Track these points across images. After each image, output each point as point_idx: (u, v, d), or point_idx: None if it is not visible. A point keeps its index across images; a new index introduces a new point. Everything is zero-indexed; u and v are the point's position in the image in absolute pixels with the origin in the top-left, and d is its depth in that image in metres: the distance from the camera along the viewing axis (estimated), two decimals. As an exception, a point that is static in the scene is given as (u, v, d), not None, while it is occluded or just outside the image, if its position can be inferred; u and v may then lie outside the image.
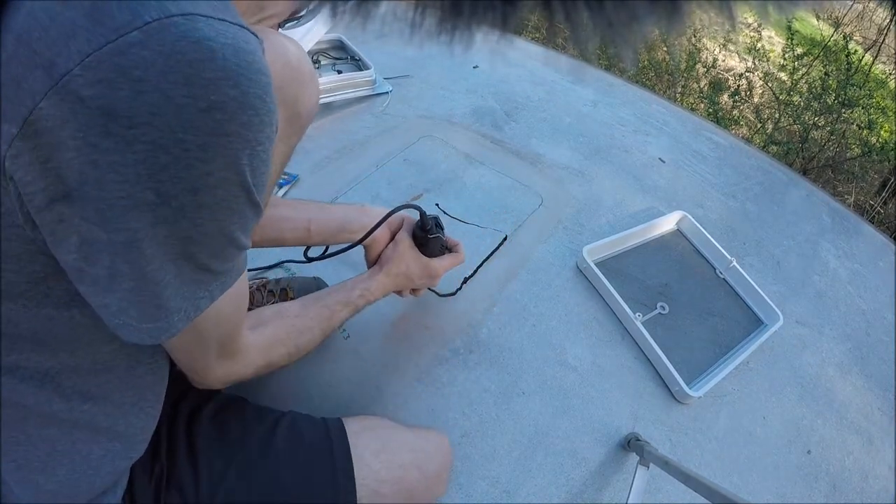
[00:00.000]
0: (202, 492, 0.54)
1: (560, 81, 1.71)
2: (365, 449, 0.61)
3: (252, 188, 0.33)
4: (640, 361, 1.01)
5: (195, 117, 0.28)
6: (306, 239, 0.73)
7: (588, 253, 1.10)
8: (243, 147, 0.31)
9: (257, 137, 0.32)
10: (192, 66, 0.28)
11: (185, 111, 0.28)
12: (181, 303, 0.36)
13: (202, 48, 0.28)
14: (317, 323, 0.63)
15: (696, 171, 1.49)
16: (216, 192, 0.32)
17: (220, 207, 0.33)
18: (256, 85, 0.30)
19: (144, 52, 0.27)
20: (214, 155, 0.30)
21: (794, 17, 2.66)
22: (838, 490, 0.94)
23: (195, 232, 0.33)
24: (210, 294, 0.38)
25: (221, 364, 0.49)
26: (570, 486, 0.84)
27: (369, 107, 1.43)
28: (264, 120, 0.32)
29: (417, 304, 1.01)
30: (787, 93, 3.37)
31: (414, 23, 0.21)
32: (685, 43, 3.65)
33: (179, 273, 0.34)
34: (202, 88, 0.28)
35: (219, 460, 0.56)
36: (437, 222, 0.76)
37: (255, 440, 0.59)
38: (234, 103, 0.29)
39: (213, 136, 0.30)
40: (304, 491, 0.57)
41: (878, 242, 1.46)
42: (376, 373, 0.90)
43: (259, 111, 0.31)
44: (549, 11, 0.22)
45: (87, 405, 0.43)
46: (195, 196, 0.31)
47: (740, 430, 0.96)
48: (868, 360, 1.15)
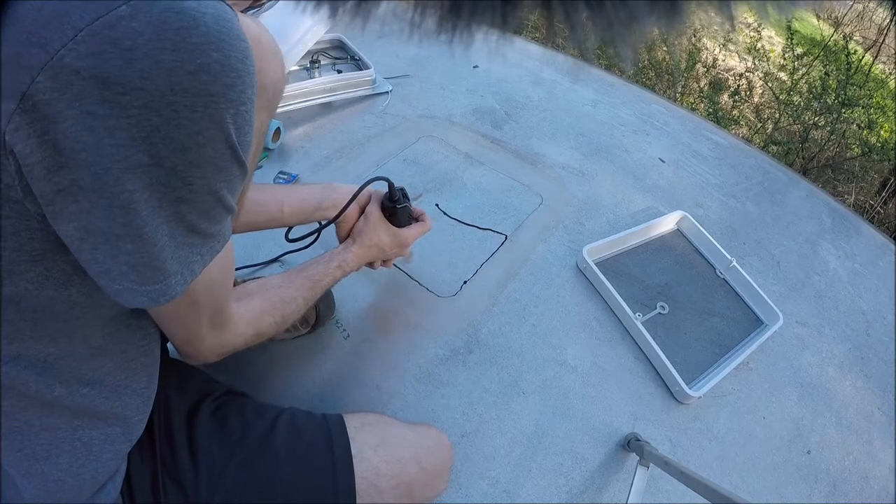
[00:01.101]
0: (202, 486, 0.54)
1: (560, 81, 1.71)
2: (364, 444, 0.62)
3: (237, 146, 0.35)
4: (640, 361, 1.01)
5: (183, 79, 0.30)
6: (280, 220, 0.75)
7: (588, 253, 1.10)
8: (227, 107, 0.33)
9: (240, 98, 0.34)
10: (179, 33, 0.30)
11: (174, 74, 0.30)
12: (177, 266, 0.37)
13: (186, 17, 0.30)
14: (300, 293, 0.66)
15: (696, 171, 1.49)
16: (204, 150, 0.34)
17: (209, 165, 0.34)
18: (237, 49, 0.33)
19: (133, 24, 0.29)
20: (202, 114, 0.32)
21: (794, 17, 2.66)
22: (838, 490, 0.94)
23: (186, 191, 0.34)
24: (202, 258, 0.39)
25: (213, 334, 0.51)
26: (570, 486, 0.84)
27: (369, 107, 1.43)
28: (245, 81, 0.34)
29: (418, 304, 1.01)
30: (787, 93, 3.37)
31: (414, 22, 0.21)
32: (685, 43, 3.65)
33: (173, 236, 0.36)
34: (188, 53, 0.30)
35: (219, 455, 0.56)
36: (403, 193, 0.79)
37: (254, 435, 0.59)
38: (218, 66, 0.31)
39: (200, 96, 0.31)
40: (303, 484, 0.58)
41: (878, 242, 1.46)
42: (376, 373, 0.90)
43: (241, 73, 0.33)
44: (549, 11, 0.22)
45: (86, 389, 0.44)
46: (185, 155, 0.33)
47: (740, 430, 0.96)
48: (868, 360, 1.15)
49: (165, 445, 0.56)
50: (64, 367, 0.42)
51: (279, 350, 0.90)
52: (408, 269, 1.06)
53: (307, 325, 0.90)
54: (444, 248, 1.11)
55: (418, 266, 1.06)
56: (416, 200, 1.20)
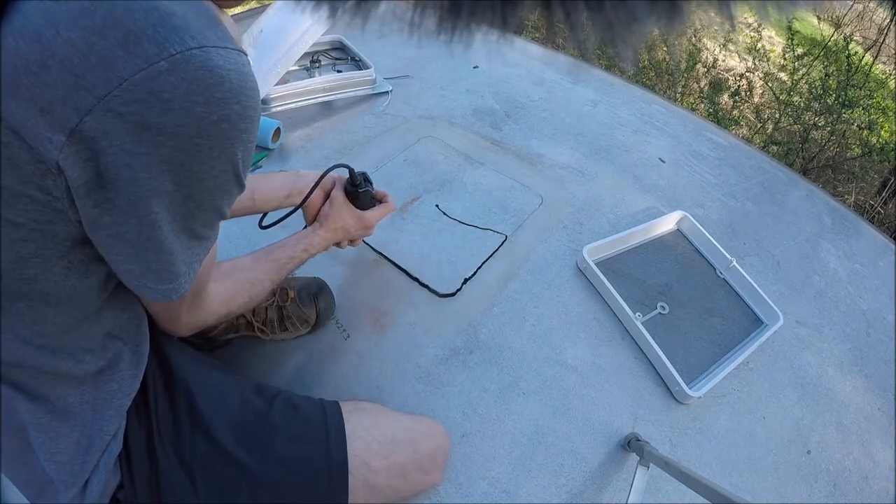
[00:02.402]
0: (198, 451, 0.58)
1: (560, 81, 1.71)
2: (357, 424, 0.66)
3: (241, 174, 0.43)
4: (640, 361, 1.01)
5: (209, 127, 0.37)
6: (252, 208, 0.78)
7: (588, 253, 1.10)
8: (239, 145, 0.41)
9: (250, 137, 0.41)
10: (208, 89, 0.36)
11: (202, 123, 0.37)
12: (185, 268, 0.45)
13: (215, 75, 0.36)
14: (267, 276, 0.69)
15: (696, 171, 1.49)
16: (216, 179, 0.41)
17: (218, 190, 0.42)
18: (251, 99, 0.39)
19: (171, 78, 0.34)
20: (220, 153, 0.39)
21: (794, 17, 2.66)
22: (838, 490, 0.94)
23: (197, 210, 0.42)
24: (199, 258, 0.47)
25: (191, 314, 0.57)
26: (570, 486, 0.84)
27: (369, 107, 1.43)
28: (255, 123, 0.41)
29: (418, 304, 1.01)
30: (788, 93, 3.37)
31: (414, 23, 0.21)
32: (685, 43, 3.65)
33: (183, 244, 0.44)
34: (215, 105, 0.37)
35: (219, 425, 0.59)
36: (365, 177, 0.82)
37: (252, 409, 0.63)
38: (237, 116, 0.38)
39: (220, 139, 0.38)
40: (298, 458, 0.61)
41: (878, 242, 1.46)
42: (376, 373, 0.90)
43: (252, 119, 0.40)
44: (549, 11, 0.22)
45: (89, 356, 0.50)
46: (202, 184, 0.40)
47: (740, 430, 0.96)
48: (868, 360, 1.15)
49: (166, 411, 0.59)
50: (74, 343, 0.48)
51: (279, 350, 0.90)
52: (408, 268, 1.06)
53: (307, 325, 0.90)
54: (444, 248, 1.11)
55: (418, 266, 1.06)
56: (415, 202, 1.20)
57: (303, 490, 0.61)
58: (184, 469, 0.56)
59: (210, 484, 0.57)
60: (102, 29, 0.33)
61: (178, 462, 0.57)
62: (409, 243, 1.10)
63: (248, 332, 0.88)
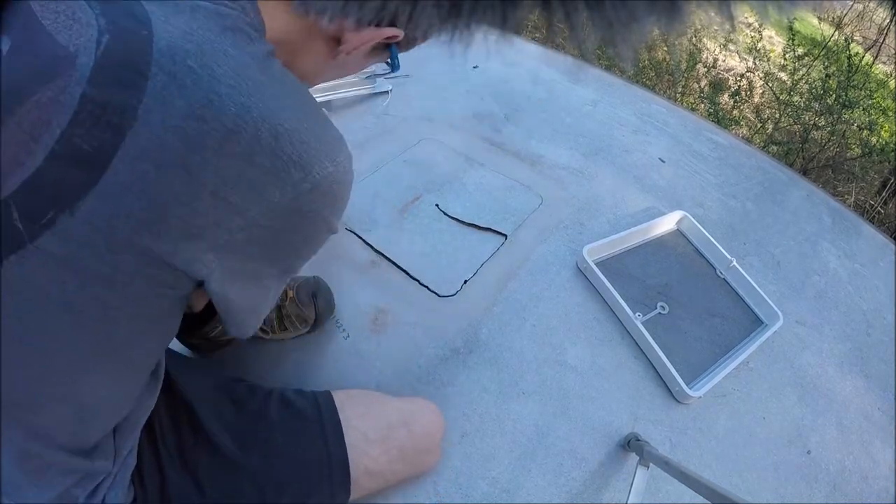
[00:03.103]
0: (200, 452, 0.59)
1: (560, 81, 1.71)
2: (351, 412, 0.67)
3: (335, 231, 0.49)
4: (640, 361, 1.01)
5: (332, 224, 0.46)
6: None
7: (588, 253, 1.10)
8: (337, 222, 0.47)
9: (342, 216, 0.48)
10: (337, 199, 0.44)
11: (329, 223, 0.45)
12: (267, 310, 0.51)
13: (344, 186, 0.43)
14: None
15: (696, 171, 1.49)
16: (318, 248, 0.48)
17: (316, 250, 0.49)
18: (349, 194, 0.46)
19: (312, 196, 0.40)
20: (326, 235, 0.47)
21: (794, 17, 2.65)
22: (838, 490, 0.94)
23: (298, 267, 0.49)
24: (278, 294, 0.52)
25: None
26: (570, 486, 0.84)
27: (369, 107, 1.43)
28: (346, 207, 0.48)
29: (418, 303, 1.01)
30: (788, 93, 3.37)
31: None
32: (685, 43, 3.65)
33: (278, 292, 0.50)
34: (339, 209, 0.45)
35: (216, 429, 0.60)
36: None
37: (247, 412, 0.63)
38: (341, 211, 0.46)
39: (329, 231, 0.46)
40: (297, 454, 0.62)
41: (878, 242, 1.46)
42: (376, 373, 0.90)
43: (347, 206, 0.47)
44: (549, 11, 0.22)
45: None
46: (311, 253, 0.48)
47: (740, 430, 0.96)
48: (868, 360, 1.15)
49: (168, 420, 0.59)
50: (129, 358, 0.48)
51: (279, 350, 0.90)
52: (408, 268, 1.06)
53: (306, 324, 0.90)
54: (444, 248, 1.11)
55: (418, 266, 1.06)
56: (416, 202, 1.20)
57: (306, 485, 0.62)
58: (189, 475, 0.57)
59: (215, 487, 0.58)
60: (251, 156, 0.35)
61: (183, 469, 0.57)
62: (409, 243, 1.10)
63: (248, 332, 0.88)
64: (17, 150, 0.32)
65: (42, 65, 0.33)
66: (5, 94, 0.32)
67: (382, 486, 0.71)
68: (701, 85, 3.66)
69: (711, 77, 3.69)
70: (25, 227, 0.33)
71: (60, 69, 0.32)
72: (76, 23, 0.33)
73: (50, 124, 0.32)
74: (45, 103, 0.32)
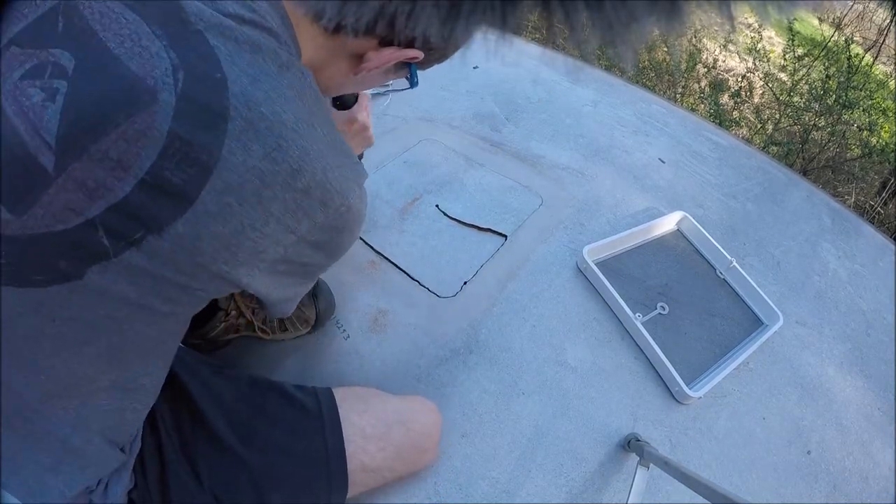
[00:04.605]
0: (199, 441, 0.60)
1: (560, 81, 1.71)
2: (350, 409, 0.68)
3: (357, 237, 0.56)
4: (640, 361, 1.01)
5: (355, 235, 0.52)
6: None
7: (588, 253, 1.10)
8: (360, 230, 0.53)
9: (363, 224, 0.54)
10: (362, 216, 0.50)
11: (353, 234, 0.51)
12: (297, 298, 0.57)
13: (363, 208, 0.50)
14: None
15: (696, 171, 1.49)
16: (346, 251, 0.54)
17: (345, 252, 0.54)
18: (366, 211, 0.53)
19: (347, 216, 0.47)
20: (353, 242, 0.53)
21: (794, 17, 2.65)
22: (838, 490, 0.94)
23: (329, 265, 0.54)
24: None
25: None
26: (570, 486, 0.84)
27: (369, 107, 1.43)
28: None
29: (418, 304, 1.01)
30: (788, 93, 3.37)
31: None
32: (685, 43, 3.65)
33: (311, 284, 0.56)
34: (361, 222, 0.51)
35: (216, 418, 0.61)
36: None
37: (247, 405, 0.65)
38: (363, 221, 0.52)
39: (354, 239, 0.52)
40: (296, 448, 0.63)
41: (878, 242, 1.46)
42: (376, 373, 0.90)
43: (365, 217, 0.53)
44: (549, 12, 0.22)
45: (143, 377, 0.52)
46: (341, 255, 0.54)
47: (740, 430, 0.96)
48: (868, 360, 1.15)
49: (169, 411, 0.60)
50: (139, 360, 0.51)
51: (279, 350, 0.90)
52: (408, 269, 1.06)
53: (307, 324, 0.90)
54: (444, 248, 1.11)
55: (418, 266, 1.07)
56: (416, 202, 1.20)
57: (303, 478, 0.63)
58: (190, 465, 0.58)
59: (215, 478, 0.59)
60: (308, 190, 0.42)
61: (184, 458, 0.58)
62: (409, 244, 1.10)
63: (249, 332, 0.88)
64: (104, 176, 0.36)
65: (120, 94, 0.36)
66: (87, 121, 0.36)
67: (379, 484, 0.72)
68: (701, 85, 3.67)
69: (711, 77, 3.69)
70: (111, 244, 0.38)
71: (142, 103, 0.36)
72: (145, 51, 0.37)
73: (139, 156, 0.36)
74: (132, 136, 0.36)
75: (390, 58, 0.49)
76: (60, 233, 0.37)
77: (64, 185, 0.36)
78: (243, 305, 0.85)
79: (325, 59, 0.49)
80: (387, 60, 0.49)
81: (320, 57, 0.49)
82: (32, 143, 0.35)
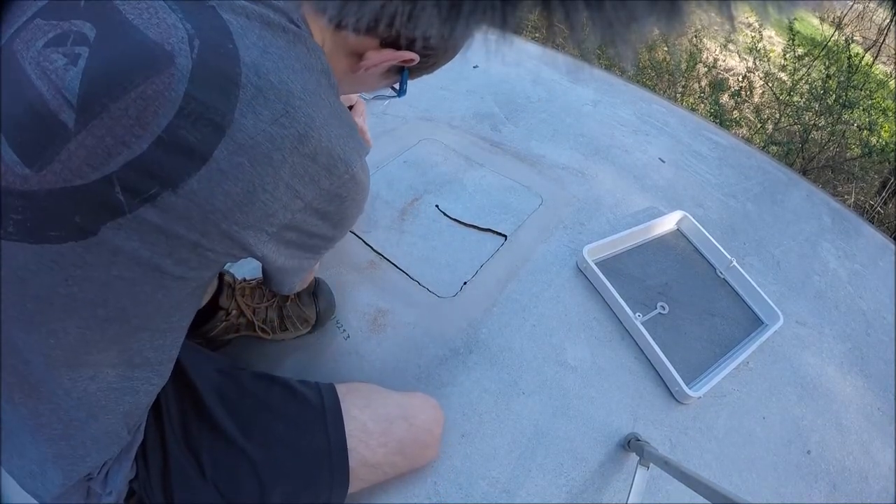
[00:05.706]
0: (203, 435, 0.60)
1: (560, 81, 1.71)
2: (352, 404, 0.68)
3: (362, 210, 0.57)
4: (640, 361, 1.01)
5: (360, 206, 0.54)
6: None
7: (588, 253, 1.10)
8: (364, 203, 0.55)
9: (367, 198, 0.56)
10: (365, 187, 0.52)
11: (359, 205, 0.53)
12: (306, 275, 0.60)
13: (365, 178, 0.52)
14: None
15: (696, 171, 1.49)
16: (353, 223, 0.57)
17: (351, 225, 0.57)
18: (370, 183, 0.56)
19: (350, 185, 0.49)
20: (358, 213, 0.55)
21: (794, 17, 2.65)
22: (838, 490, 0.94)
23: (338, 238, 0.56)
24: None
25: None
26: (570, 486, 0.84)
27: (369, 107, 1.43)
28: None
29: (418, 304, 1.01)
30: (788, 93, 3.37)
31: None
32: (685, 43, 3.65)
33: (317, 259, 0.58)
34: (364, 193, 0.53)
35: (221, 417, 0.62)
36: None
37: (250, 398, 0.65)
38: (367, 194, 0.54)
39: (359, 211, 0.55)
40: (298, 441, 0.63)
41: (878, 242, 1.46)
42: (376, 373, 0.90)
43: (369, 190, 0.56)
44: (549, 11, 0.22)
45: (163, 342, 0.53)
46: (348, 228, 0.57)
47: (740, 430, 0.96)
48: (868, 360, 1.15)
49: (174, 401, 0.61)
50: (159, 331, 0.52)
51: (279, 350, 0.90)
52: (408, 269, 1.06)
53: (307, 324, 0.90)
54: (444, 248, 1.11)
55: (418, 266, 1.07)
56: (416, 202, 1.20)
57: (305, 472, 0.63)
58: (193, 456, 0.59)
59: (217, 470, 0.59)
60: (314, 155, 0.44)
61: (186, 448, 0.59)
62: (409, 244, 1.10)
63: (249, 332, 0.88)
64: (123, 133, 0.38)
65: (140, 58, 0.38)
66: (107, 81, 0.37)
67: (380, 479, 0.72)
68: (701, 85, 3.66)
69: (711, 77, 3.69)
70: (127, 200, 0.39)
71: (161, 66, 0.38)
72: (162, 21, 0.39)
73: (157, 115, 0.38)
74: (151, 95, 0.38)
75: (388, 57, 0.50)
76: (78, 188, 0.38)
77: (83, 142, 0.37)
78: (244, 305, 0.85)
79: (330, 51, 0.51)
80: (384, 60, 0.51)
81: (326, 48, 0.50)
82: (54, 102, 0.37)
